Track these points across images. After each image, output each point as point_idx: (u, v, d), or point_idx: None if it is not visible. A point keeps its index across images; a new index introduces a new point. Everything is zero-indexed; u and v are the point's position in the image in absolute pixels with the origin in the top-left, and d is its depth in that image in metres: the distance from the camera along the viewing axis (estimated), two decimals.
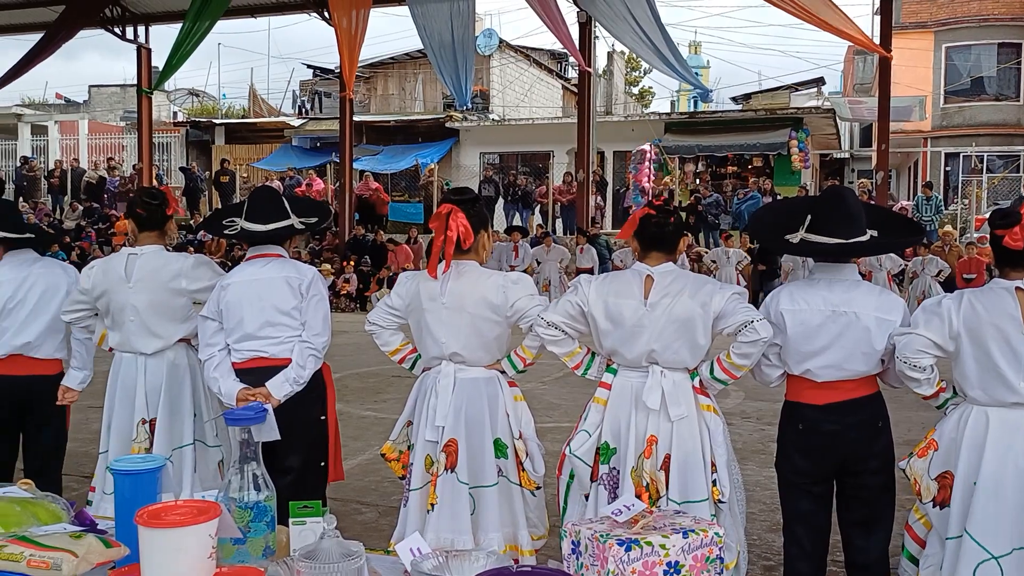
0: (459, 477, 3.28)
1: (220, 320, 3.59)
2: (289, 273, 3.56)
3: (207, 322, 3.61)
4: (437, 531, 3.21)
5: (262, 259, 3.62)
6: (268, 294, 3.52)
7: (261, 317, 3.52)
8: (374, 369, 9.56)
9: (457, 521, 3.26)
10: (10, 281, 3.95)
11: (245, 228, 3.60)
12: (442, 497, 3.27)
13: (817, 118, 23.25)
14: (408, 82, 29.02)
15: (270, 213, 3.60)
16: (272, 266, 3.59)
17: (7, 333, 3.93)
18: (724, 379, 3.19)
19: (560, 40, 16.23)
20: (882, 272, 14.07)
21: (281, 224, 3.59)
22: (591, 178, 18.78)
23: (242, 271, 3.64)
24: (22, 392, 3.97)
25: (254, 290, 3.54)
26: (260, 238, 3.61)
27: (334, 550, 1.53)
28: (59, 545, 1.54)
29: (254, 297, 3.53)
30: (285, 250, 3.69)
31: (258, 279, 3.56)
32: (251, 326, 3.53)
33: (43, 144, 28.64)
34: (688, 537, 1.64)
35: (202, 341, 3.62)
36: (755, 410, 7.80)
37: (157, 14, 21.48)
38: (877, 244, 3.27)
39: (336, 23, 16.76)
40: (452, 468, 3.29)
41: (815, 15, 14.04)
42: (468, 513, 3.29)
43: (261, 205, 3.65)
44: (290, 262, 3.65)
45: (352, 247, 18.73)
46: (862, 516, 3.26)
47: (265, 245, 3.63)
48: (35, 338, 3.97)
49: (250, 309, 3.53)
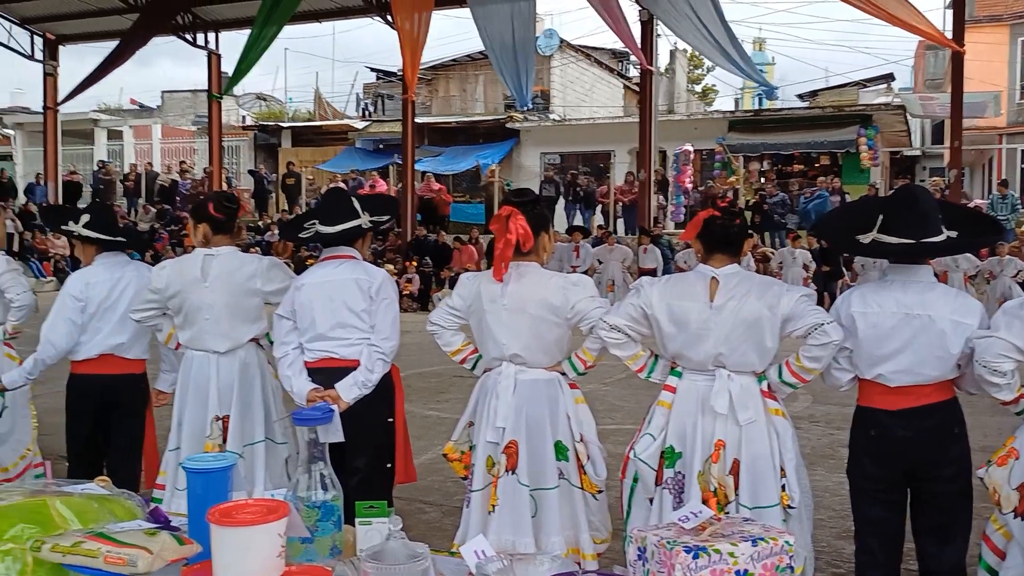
0: (520, 479, 3.28)
1: (294, 319, 3.64)
2: (359, 275, 3.60)
3: (282, 321, 3.66)
4: (498, 533, 3.21)
5: (335, 260, 3.66)
6: (339, 295, 3.56)
7: (332, 318, 3.57)
8: (436, 369, 9.62)
9: (518, 523, 3.25)
10: (104, 282, 4.06)
11: (319, 230, 3.66)
12: (503, 499, 3.27)
13: (887, 115, 22.70)
14: (469, 83, 29.16)
15: (340, 214, 3.65)
16: (344, 268, 3.62)
17: (100, 333, 4.05)
18: (793, 383, 3.13)
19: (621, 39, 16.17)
20: (958, 273, 13.68)
21: (349, 224, 3.63)
22: (653, 177, 18.63)
23: (315, 272, 3.69)
24: (111, 390, 4.09)
25: (326, 291, 3.58)
26: (332, 239, 3.65)
27: (400, 551, 1.54)
28: (135, 542, 1.57)
29: (325, 298, 3.57)
30: (359, 250, 3.72)
31: (330, 280, 3.60)
32: (322, 327, 3.58)
33: (118, 148, 29.51)
34: (757, 545, 1.61)
35: (277, 339, 3.68)
36: (823, 414, 7.64)
37: (227, 21, 21.99)
38: (951, 244, 3.16)
39: (399, 26, 16.94)
40: (513, 470, 3.29)
41: (885, 10, 13.71)
42: (529, 515, 3.28)
43: (333, 206, 3.71)
44: (361, 264, 3.67)
45: (414, 248, 18.90)
46: (936, 524, 3.16)
47: (338, 247, 3.67)
48: (127, 339, 4.09)
49: (321, 310, 3.57)
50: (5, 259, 4.65)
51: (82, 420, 4.10)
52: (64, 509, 1.75)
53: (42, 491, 1.84)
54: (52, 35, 23.31)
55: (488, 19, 16.43)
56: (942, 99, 20.00)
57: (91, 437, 4.13)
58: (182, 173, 24.86)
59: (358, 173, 23.95)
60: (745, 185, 22.13)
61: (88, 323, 4.03)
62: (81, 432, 4.11)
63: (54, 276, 19.51)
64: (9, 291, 4.56)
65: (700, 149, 24.02)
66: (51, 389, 4.24)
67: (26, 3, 21.70)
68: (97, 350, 4.06)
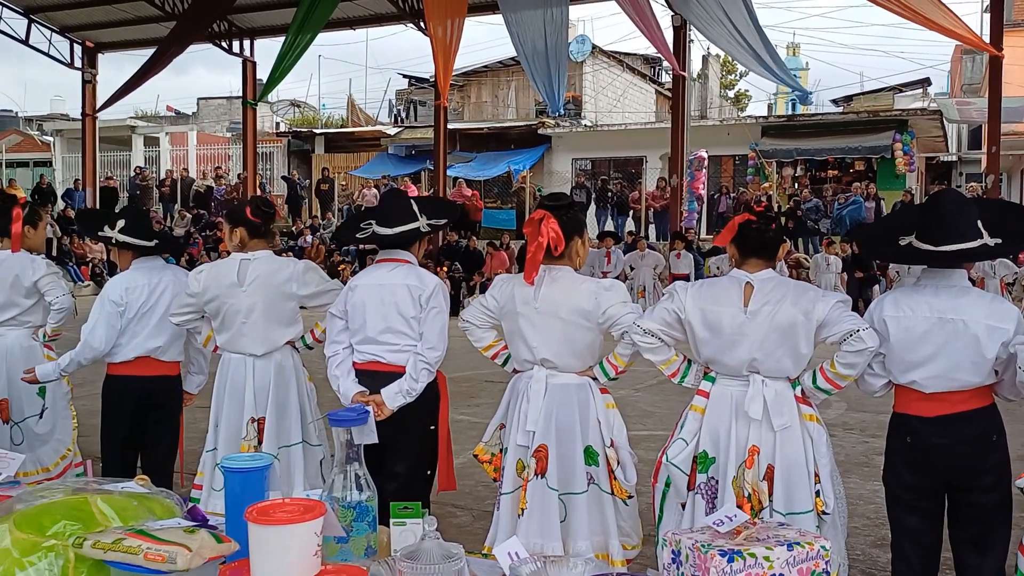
0: (549, 483, 3.28)
1: (346, 319, 3.64)
2: (412, 281, 3.56)
3: (334, 319, 3.67)
4: (527, 536, 3.20)
5: (390, 263, 3.64)
6: (390, 300, 3.55)
7: (382, 323, 3.55)
8: (468, 373, 9.63)
9: (547, 527, 3.25)
10: (143, 287, 4.13)
11: (376, 232, 3.65)
12: (532, 502, 3.27)
13: (923, 120, 22.42)
14: (501, 89, 29.25)
15: (398, 215, 3.63)
16: (398, 272, 3.60)
17: (139, 336, 4.12)
18: (827, 388, 3.10)
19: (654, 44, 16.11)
20: (995, 280, 13.50)
21: (407, 227, 3.61)
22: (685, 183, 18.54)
23: (370, 274, 3.68)
24: (148, 392, 4.16)
25: (378, 294, 3.57)
26: (388, 241, 3.64)
27: (435, 551, 1.55)
28: (174, 539, 1.60)
29: (377, 301, 3.56)
30: (414, 254, 3.70)
31: (383, 284, 3.59)
32: (372, 330, 3.57)
33: (155, 155, 29.95)
34: (793, 550, 1.60)
35: (328, 337, 3.70)
36: (858, 422, 7.56)
37: (262, 28, 22.27)
38: (987, 250, 3.11)
39: (431, 33, 17.04)
40: (542, 474, 3.29)
41: (921, 14, 13.55)
42: (558, 519, 3.28)
43: (391, 208, 3.69)
44: (415, 270, 3.64)
45: (445, 253, 18.97)
46: (974, 534, 3.11)
47: (394, 249, 3.66)
48: (165, 342, 4.16)
49: (373, 313, 3.56)
50: (45, 262, 4.73)
51: (119, 421, 4.17)
52: (105, 507, 1.79)
53: (83, 489, 1.88)
54: (91, 43, 23.73)
55: (521, 25, 16.46)
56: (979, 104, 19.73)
57: (127, 438, 4.19)
58: (217, 179, 25.15)
59: (390, 179, 24.09)
60: (779, 191, 21.94)
61: (127, 327, 4.10)
62: (117, 433, 4.18)
63: (91, 280, 19.83)
64: (49, 294, 4.65)
65: (733, 155, 23.90)
66: (89, 392, 4.32)
67: (66, 12, 22.14)
68: (135, 352, 4.13)
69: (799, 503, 3.02)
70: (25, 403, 4.72)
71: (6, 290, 4.64)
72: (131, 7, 20.99)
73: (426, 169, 24.68)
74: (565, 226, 3.29)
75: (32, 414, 4.74)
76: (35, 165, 30.35)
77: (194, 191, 25.00)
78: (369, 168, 26.36)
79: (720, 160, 24.49)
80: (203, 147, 30.23)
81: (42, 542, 1.66)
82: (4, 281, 4.64)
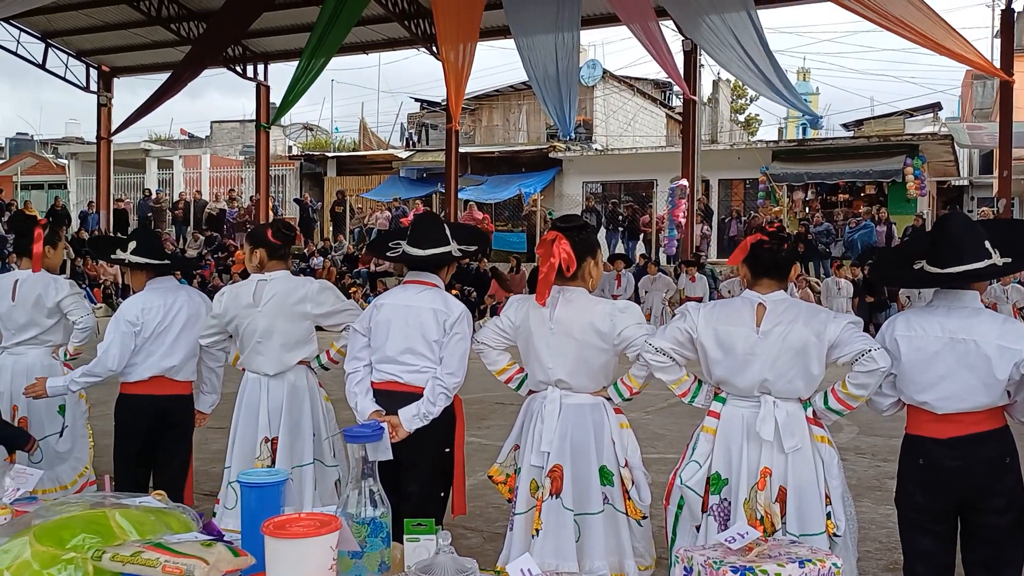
0: (564, 503, 3.29)
1: (369, 337, 3.66)
2: (439, 306, 3.58)
3: (357, 336, 3.68)
4: (542, 556, 3.20)
5: (417, 285, 3.66)
6: (415, 322, 3.56)
7: (404, 343, 3.57)
8: (478, 396, 9.63)
9: (562, 547, 3.25)
10: (159, 308, 4.18)
11: (406, 252, 3.66)
12: (547, 523, 3.27)
13: (934, 144, 22.43)
14: (512, 113, 29.41)
15: (430, 238, 3.65)
16: (425, 295, 3.61)
17: (154, 356, 4.15)
18: (839, 409, 3.10)
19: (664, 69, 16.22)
20: (1008, 305, 13.46)
21: (439, 250, 3.64)
22: (696, 207, 18.57)
23: (397, 294, 3.70)
24: (162, 411, 4.20)
25: (403, 315, 3.59)
26: (419, 263, 3.66)
27: (449, 565, 1.57)
28: (191, 552, 1.62)
29: (402, 322, 3.58)
30: (442, 278, 3.72)
31: (410, 306, 3.60)
32: (393, 350, 3.58)
33: (168, 177, 30.20)
34: (804, 567, 1.61)
35: (350, 353, 3.70)
36: (869, 446, 7.52)
37: (276, 52, 22.52)
38: (994, 270, 3.11)
39: (444, 57, 17.19)
40: (557, 494, 3.29)
41: (931, 39, 13.60)
42: (573, 540, 3.28)
43: (424, 230, 3.70)
44: (442, 294, 3.66)
45: (455, 275, 19.00)
46: (985, 557, 3.09)
47: (422, 272, 3.68)
48: (179, 362, 4.19)
49: (396, 334, 3.58)
50: (69, 283, 4.85)
51: (132, 440, 4.19)
52: (123, 520, 1.81)
53: (101, 503, 1.90)
54: (107, 67, 24.05)
55: (532, 49, 16.59)
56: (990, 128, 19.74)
57: (139, 457, 4.22)
58: (230, 201, 25.33)
59: (401, 202, 24.22)
60: (789, 215, 21.95)
61: (143, 346, 4.14)
62: (129, 451, 4.20)
63: (103, 302, 19.93)
64: (72, 314, 4.73)
65: (744, 179, 23.92)
66: (102, 412, 4.36)
67: (83, 36, 22.45)
68: (149, 372, 4.16)
69: (811, 525, 3.02)
70: (46, 421, 4.77)
71: (28, 309, 4.71)
72: (147, 32, 21.28)
73: (437, 192, 24.80)
74: (577, 247, 3.32)
75: (53, 432, 4.79)
76: (50, 187, 30.63)
77: (207, 214, 25.18)
78: (381, 191, 26.51)
79: (731, 184, 24.54)
80: (216, 170, 30.47)
81: (62, 555, 1.68)
82: (26, 301, 4.70)
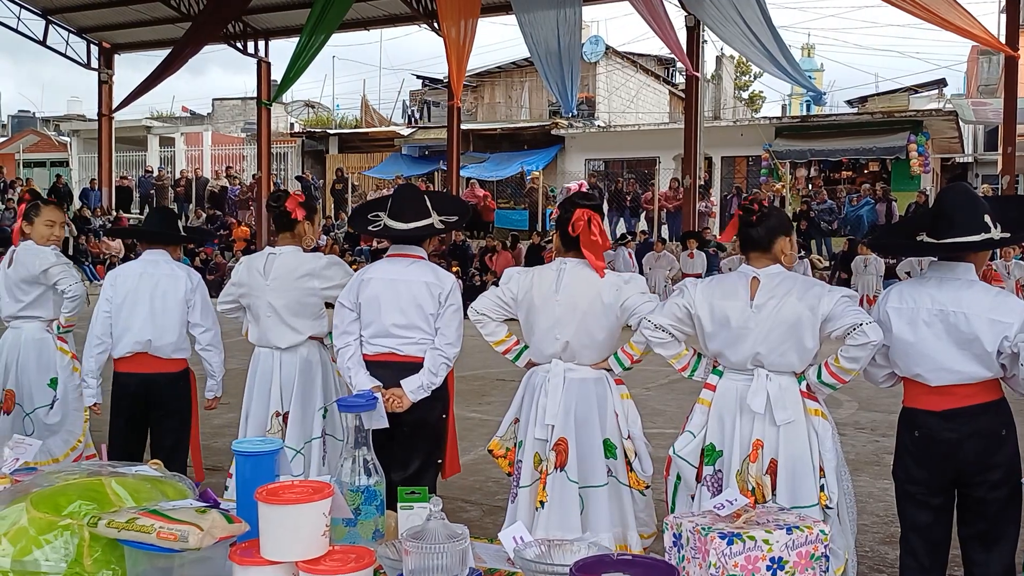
0: (569, 476, 3.32)
1: (358, 312, 3.66)
2: (430, 279, 3.61)
3: (344, 310, 3.68)
4: (547, 529, 3.24)
5: (404, 259, 3.67)
6: (408, 295, 3.58)
7: (400, 318, 3.58)
8: (479, 372, 9.67)
9: (567, 520, 3.29)
10: (132, 275, 4.23)
11: (388, 225, 3.66)
12: (552, 495, 3.31)
13: (938, 121, 22.31)
14: (514, 90, 29.28)
15: (413, 212, 3.65)
16: (415, 268, 3.63)
17: (132, 329, 4.17)
18: (832, 383, 3.11)
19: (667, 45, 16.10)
20: (1010, 281, 13.45)
21: (422, 223, 3.64)
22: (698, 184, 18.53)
23: (384, 268, 3.69)
24: (147, 389, 4.21)
25: (395, 289, 3.59)
26: (401, 236, 3.67)
27: (440, 531, 1.58)
28: (186, 519, 1.63)
29: (395, 296, 3.58)
30: (424, 249, 3.73)
31: (400, 280, 3.61)
32: (388, 323, 3.59)
33: (170, 155, 30.14)
34: (792, 533, 1.62)
35: (338, 328, 3.70)
36: (869, 421, 7.55)
37: (276, 29, 22.37)
38: (990, 243, 3.11)
39: (445, 33, 17.10)
40: (562, 467, 3.33)
41: (937, 14, 13.50)
42: (578, 512, 3.32)
43: (405, 203, 3.70)
44: (431, 267, 3.68)
45: (453, 252, 18.99)
46: (980, 530, 3.11)
47: (406, 244, 3.69)
48: (155, 336, 4.17)
49: (389, 308, 3.58)
50: (54, 252, 4.72)
51: (119, 415, 4.24)
52: (119, 488, 1.83)
53: (98, 472, 1.92)
54: (108, 44, 23.93)
55: (534, 26, 16.49)
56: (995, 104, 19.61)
57: (128, 433, 4.25)
58: (231, 179, 25.30)
59: (404, 179, 24.16)
60: (792, 191, 21.90)
61: (118, 316, 4.17)
62: (120, 426, 4.25)
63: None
64: (61, 283, 4.64)
65: (747, 155, 23.84)
66: (105, 388, 4.38)
67: (83, 13, 22.33)
68: (130, 347, 4.18)
69: (803, 497, 3.04)
70: (36, 394, 4.78)
71: (16, 281, 4.72)
72: (147, 8, 21.15)
73: (439, 169, 24.75)
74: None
75: (42, 404, 4.79)
76: (52, 165, 30.58)
77: (208, 191, 25.16)
78: (383, 168, 26.46)
79: (733, 161, 24.46)
80: (218, 147, 30.40)
81: (58, 521, 1.70)
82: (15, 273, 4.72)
